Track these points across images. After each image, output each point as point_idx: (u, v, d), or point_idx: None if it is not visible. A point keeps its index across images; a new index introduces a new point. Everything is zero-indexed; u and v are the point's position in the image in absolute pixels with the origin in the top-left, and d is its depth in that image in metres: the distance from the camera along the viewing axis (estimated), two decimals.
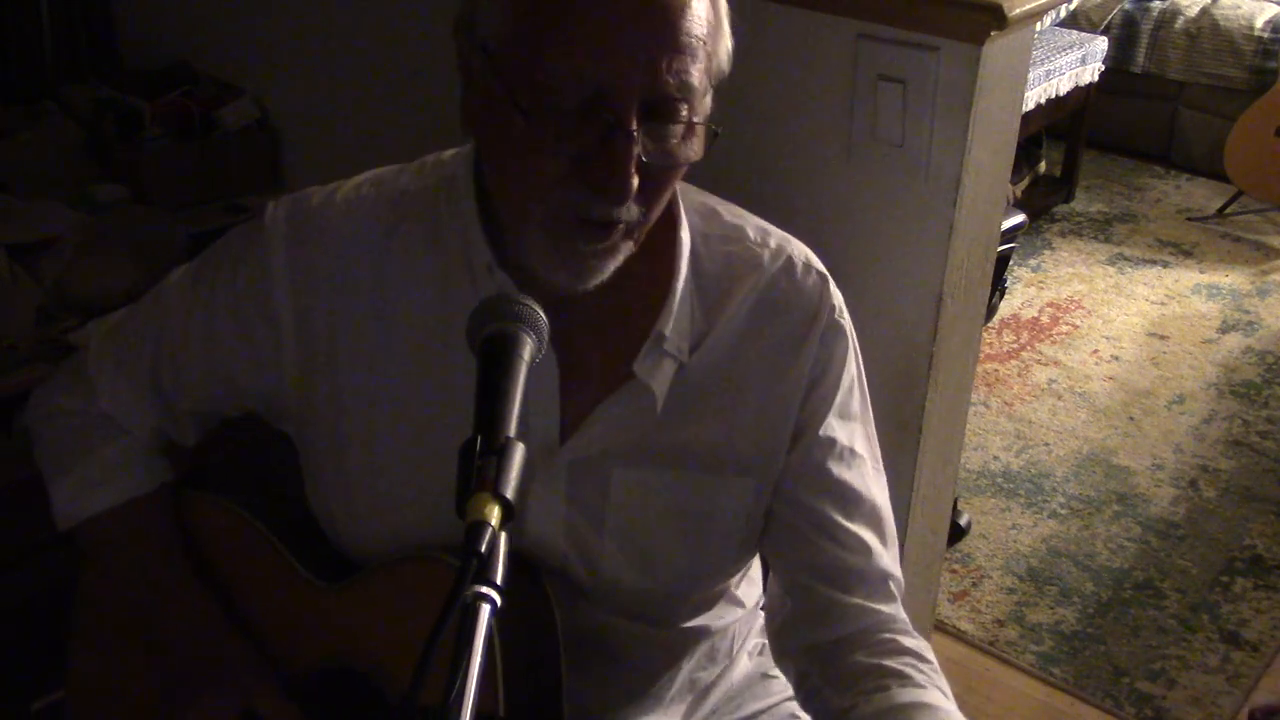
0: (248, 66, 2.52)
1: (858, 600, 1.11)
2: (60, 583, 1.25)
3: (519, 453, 0.76)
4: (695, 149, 0.95)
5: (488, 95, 0.95)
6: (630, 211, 0.94)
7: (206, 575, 1.20)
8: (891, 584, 1.13)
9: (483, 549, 0.71)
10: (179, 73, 2.59)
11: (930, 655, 1.10)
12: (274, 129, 2.53)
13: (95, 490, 1.19)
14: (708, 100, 0.96)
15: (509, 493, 0.74)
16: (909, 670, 1.06)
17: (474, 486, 0.74)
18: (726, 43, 0.97)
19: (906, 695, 1.03)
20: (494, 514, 0.73)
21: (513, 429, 0.78)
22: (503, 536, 0.73)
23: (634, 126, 0.90)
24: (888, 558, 1.13)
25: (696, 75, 0.92)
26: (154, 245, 2.20)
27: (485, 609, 0.70)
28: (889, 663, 1.07)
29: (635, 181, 0.91)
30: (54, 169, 2.45)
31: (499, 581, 0.71)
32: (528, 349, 0.83)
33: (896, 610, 1.13)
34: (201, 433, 1.23)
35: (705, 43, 0.92)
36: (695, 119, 0.94)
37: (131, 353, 1.18)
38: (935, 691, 1.05)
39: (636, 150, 0.90)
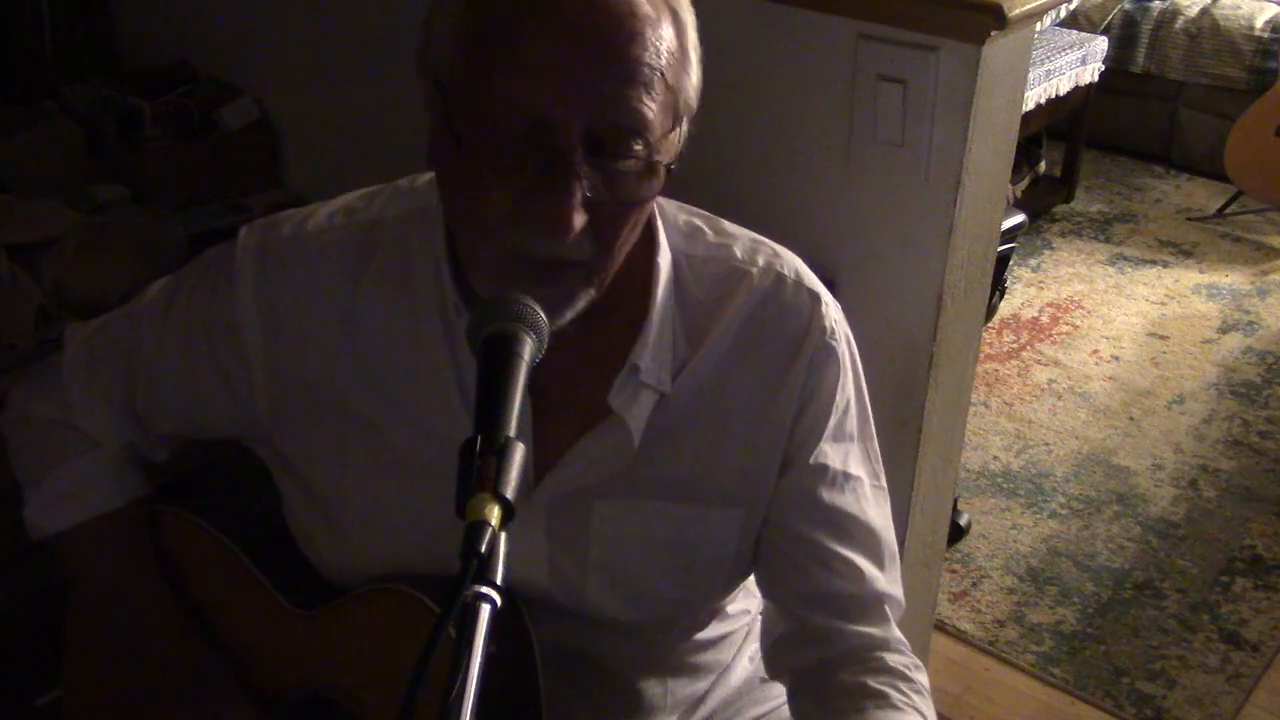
0: (248, 66, 2.52)
1: (849, 626, 1.09)
2: (62, 580, 1.25)
3: (519, 453, 0.75)
4: (653, 188, 0.91)
5: (435, 129, 0.92)
6: (581, 249, 0.90)
7: (182, 596, 1.19)
8: (886, 606, 1.11)
9: (483, 549, 0.70)
10: (179, 73, 2.59)
11: (917, 675, 1.08)
12: (274, 129, 2.53)
13: (64, 503, 1.17)
14: (673, 139, 0.92)
15: (509, 493, 0.73)
16: (889, 690, 1.05)
17: (474, 486, 0.73)
18: (694, 77, 0.92)
19: (880, 716, 1.02)
20: (494, 514, 0.72)
21: (513, 429, 0.77)
22: (503, 537, 0.72)
23: (577, 159, 0.86)
24: (884, 580, 1.10)
25: (651, 108, 0.87)
26: (154, 245, 2.20)
27: (485, 609, 0.70)
28: (870, 682, 1.05)
29: (579, 218, 0.87)
30: (54, 169, 2.44)
31: (499, 582, 0.70)
32: (528, 349, 0.82)
33: (889, 631, 1.10)
34: (172, 451, 1.21)
35: (663, 74, 0.88)
36: (656, 157, 0.89)
37: (105, 369, 1.16)
38: (912, 714, 1.04)
39: (581, 185, 0.86)
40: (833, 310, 1.09)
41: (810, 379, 1.06)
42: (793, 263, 1.09)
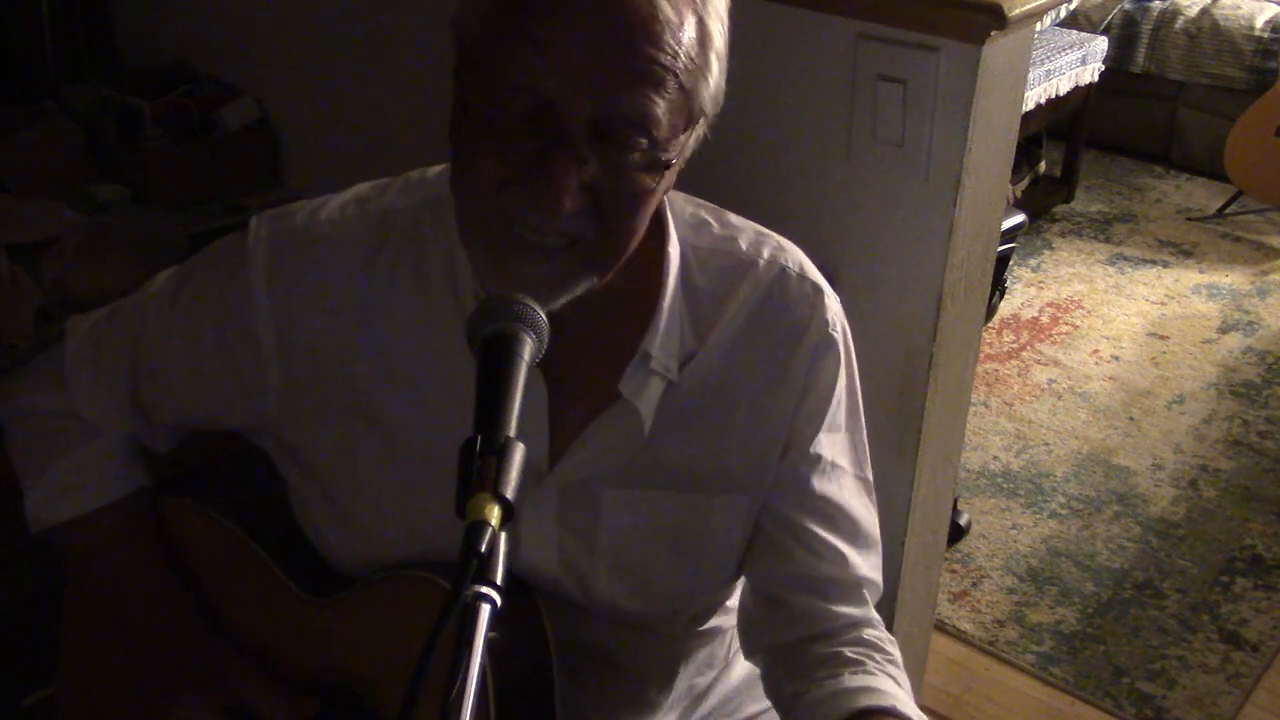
0: (248, 66, 2.52)
1: (831, 606, 1.11)
2: (54, 580, 1.25)
3: (519, 453, 0.75)
4: (655, 183, 0.92)
5: (453, 95, 0.93)
6: (579, 230, 0.90)
7: (190, 586, 1.19)
8: (865, 590, 1.13)
9: (483, 549, 0.70)
10: (179, 73, 2.59)
11: (891, 649, 1.11)
12: (274, 129, 2.53)
13: (67, 495, 1.17)
14: (684, 139, 0.92)
15: (509, 493, 0.73)
16: (864, 659, 1.07)
17: (474, 486, 0.73)
18: (713, 80, 0.92)
19: (856, 681, 1.04)
20: (494, 514, 0.72)
21: (513, 429, 0.77)
22: (503, 537, 0.72)
23: (579, 144, 0.87)
24: (865, 566, 1.13)
25: (659, 106, 0.87)
26: (154, 245, 2.20)
27: (485, 609, 0.70)
28: (846, 652, 1.08)
29: (572, 199, 0.88)
30: (54, 169, 2.45)
31: (499, 582, 0.70)
32: (528, 349, 0.82)
33: (866, 612, 1.13)
34: (175, 441, 1.20)
35: (677, 76, 0.88)
36: (660, 154, 0.90)
37: (109, 359, 1.16)
38: (885, 679, 1.06)
39: (579, 169, 0.88)
40: (834, 303, 1.10)
41: (811, 369, 1.08)
42: (796, 256, 1.11)
